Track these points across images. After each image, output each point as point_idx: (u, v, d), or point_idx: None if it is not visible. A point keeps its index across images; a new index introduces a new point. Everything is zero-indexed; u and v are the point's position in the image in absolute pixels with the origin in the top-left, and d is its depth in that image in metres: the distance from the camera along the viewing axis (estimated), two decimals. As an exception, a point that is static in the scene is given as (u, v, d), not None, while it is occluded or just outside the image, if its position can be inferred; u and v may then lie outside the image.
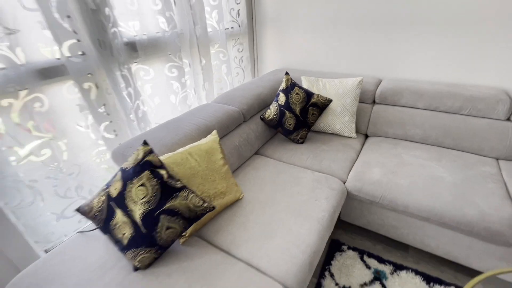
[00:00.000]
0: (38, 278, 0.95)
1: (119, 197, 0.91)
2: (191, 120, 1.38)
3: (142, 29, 1.38)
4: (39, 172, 1.14)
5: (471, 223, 1.12)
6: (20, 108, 1.01)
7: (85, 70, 1.17)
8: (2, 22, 0.92)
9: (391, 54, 1.84)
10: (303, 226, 1.11)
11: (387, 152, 1.56)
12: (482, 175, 1.32)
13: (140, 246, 0.91)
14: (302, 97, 1.65)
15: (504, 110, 1.43)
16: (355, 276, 1.35)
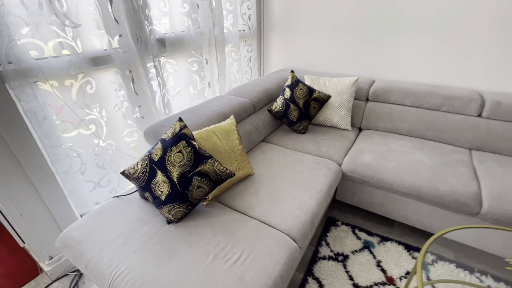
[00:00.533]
0: (88, 228, 1.15)
1: (160, 161, 1.13)
2: (210, 108, 1.61)
3: (171, 28, 1.61)
4: (85, 144, 1.35)
5: (443, 196, 1.36)
6: (77, 88, 1.23)
7: (126, 60, 1.39)
8: (69, 17, 1.14)
9: (383, 58, 2.10)
10: (305, 195, 1.33)
11: (377, 142, 1.80)
12: (456, 161, 1.57)
13: (175, 202, 1.12)
14: (305, 92, 1.89)
15: (476, 107, 1.69)
16: (347, 245, 1.58)
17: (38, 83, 1.13)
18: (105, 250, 1.05)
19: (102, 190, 1.50)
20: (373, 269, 1.43)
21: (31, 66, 1.08)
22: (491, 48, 1.71)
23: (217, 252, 1.02)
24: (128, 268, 0.98)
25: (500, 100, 1.64)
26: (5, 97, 1.06)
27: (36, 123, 1.16)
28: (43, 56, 1.12)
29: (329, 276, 1.40)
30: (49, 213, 1.33)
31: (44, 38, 1.09)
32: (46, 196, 1.29)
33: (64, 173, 1.32)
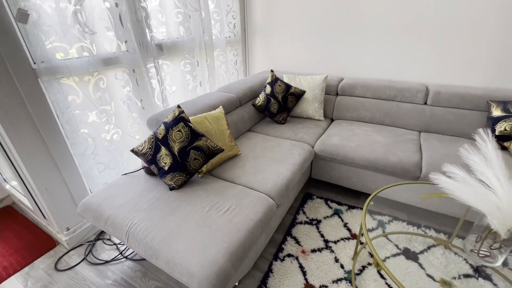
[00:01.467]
0: (104, 196, 1.41)
1: (163, 138, 1.41)
2: (202, 101, 1.91)
3: (167, 35, 1.92)
4: (98, 130, 1.62)
5: (393, 165, 1.70)
6: (93, 83, 1.50)
7: (131, 61, 1.68)
8: (88, 26, 1.43)
9: (350, 58, 2.46)
10: (282, 167, 1.64)
11: (344, 128, 2.14)
12: (406, 140, 1.91)
13: (176, 171, 1.40)
14: (283, 88, 2.22)
15: (422, 97, 2.06)
16: (320, 212, 1.88)
17: (62, 79, 1.40)
18: (120, 210, 1.31)
19: (111, 171, 1.76)
20: (341, 229, 1.74)
21: (58, 65, 1.35)
22: (434, 48, 2.09)
23: (211, 206, 1.31)
24: (140, 220, 1.24)
25: (440, 90, 2.01)
26: (38, 90, 1.33)
27: (60, 111, 1.43)
28: (68, 57, 1.39)
29: (305, 235, 1.69)
30: (67, 189, 1.58)
31: (69, 43, 1.37)
32: (66, 173, 1.54)
33: (80, 154, 1.58)
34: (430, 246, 1.57)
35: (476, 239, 1.02)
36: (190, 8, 1.97)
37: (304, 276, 1.43)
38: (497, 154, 0.94)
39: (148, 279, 1.46)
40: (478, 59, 1.98)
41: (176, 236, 1.15)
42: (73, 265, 1.55)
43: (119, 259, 1.59)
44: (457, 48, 2.02)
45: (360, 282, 1.39)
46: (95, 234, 1.77)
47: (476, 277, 1.37)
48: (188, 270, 1.03)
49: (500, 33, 1.86)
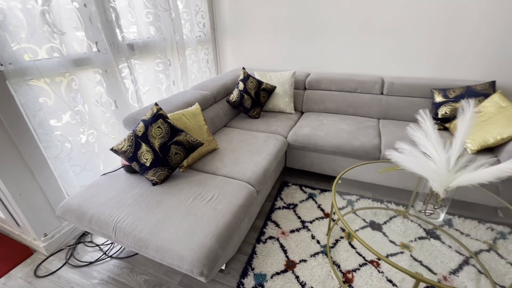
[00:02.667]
0: (85, 196, 1.42)
1: (143, 135, 1.45)
2: (177, 99, 1.95)
3: (138, 35, 1.93)
4: (72, 132, 1.60)
5: (356, 149, 1.90)
6: (66, 84, 1.49)
7: (103, 61, 1.68)
8: (57, 26, 1.41)
9: (316, 55, 2.65)
10: (259, 157, 1.75)
11: (313, 119, 2.32)
12: (367, 127, 2.14)
13: (158, 166, 1.45)
14: (255, 84, 2.34)
15: (378, 88, 2.31)
16: (296, 197, 2.04)
17: (32, 80, 1.37)
18: (104, 208, 1.34)
19: (88, 173, 1.74)
20: (315, 210, 1.91)
21: (27, 66, 1.32)
22: (388, 45, 2.35)
23: (195, 197, 1.38)
24: (126, 215, 1.28)
25: (393, 81, 2.27)
26: (6, 93, 1.29)
27: (31, 114, 1.40)
28: (37, 58, 1.37)
29: (283, 218, 1.83)
30: (43, 193, 1.54)
31: (38, 43, 1.35)
32: (40, 178, 1.50)
33: (55, 157, 1.55)
34: (392, 217, 1.79)
35: (424, 201, 1.22)
36: (160, 8, 2.00)
37: (285, 254, 1.56)
38: (434, 130, 1.15)
39: (136, 274, 1.49)
40: (425, 53, 2.27)
41: (164, 226, 1.21)
42: (55, 270, 1.52)
43: (103, 259, 1.59)
44: (407, 44, 2.29)
45: (334, 253, 1.56)
46: (74, 238, 1.74)
47: (428, 238, 1.62)
48: (178, 254, 1.10)
49: (441, 29, 2.15)
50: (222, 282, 1.43)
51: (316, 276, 1.43)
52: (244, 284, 1.40)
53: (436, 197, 1.16)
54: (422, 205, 1.23)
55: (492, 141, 1.63)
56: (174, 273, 1.48)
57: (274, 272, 1.45)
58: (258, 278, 1.42)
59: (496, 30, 2.01)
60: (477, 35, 2.06)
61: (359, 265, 1.48)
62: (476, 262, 1.46)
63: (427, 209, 1.21)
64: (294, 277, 1.42)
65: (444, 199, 1.15)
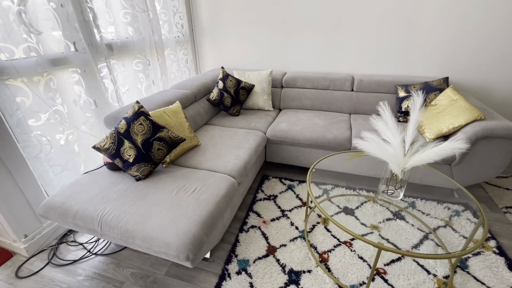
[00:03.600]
0: (68, 194, 1.43)
1: (126, 132, 1.49)
2: (158, 98, 2.00)
3: (117, 35, 1.95)
4: (52, 132, 1.60)
5: (330, 141, 2.05)
6: (44, 84, 1.49)
7: (81, 61, 1.69)
8: (34, 25, 1.42)
9: (291, 55, 2.79)
10: (239, 151, 1.85)
11: (290, 115, 2.45)
12: (339, 121, 2.30)
13: (141, 162, 1.50)
14: (234, 83, 2.43)
15: (349, 85, 2.49)
16: (276, 189, 2.15)
17: (9, 80, 1.37)
18: (88, 204, 1.36)
19: (68, 173, 1.74)
20: (294, 200, 2.03)
21: (3, 66, 1.32)
22: (356, 44, 2.54)
23: (179, 189, 1.45)
24: (111, 209, 1.32)
25: (362, 79, 2.46)
26: (-18, 92, 1.28)
27: (7, 114, 1.39)
28: (14, 57, 1.37)
29: (264, 209, 1.94)
30: (22, 194, 1.53)
31: (15, 43, 1.35)
32: (19, 178, 1.49)
33: (34, 157, 1.55)
34: (363, 202, 1.96)
35: (386, 183, 1.38)
36: (138, 9, 2.04)
37: (266, 241, 1.67)
38: (392, 119, 1.31)
39: (122, 268, 1.52)
40: (389, 52, 2.48)
41: (149, 217, 1.26)
42: (37, 270, 1.52)
43: (88, 256, 1.61)
44: (372, 43, 2.49)
45: (312, 237, 1.69)
46: (56, 238, 1.73)
47: (395, 219, 1.79)
48: (165, 241, 1.17)
49: (401, 30, 2.36)
50: (208, 269, 1.50)
51: (295, 258, 1.54)
52: (228, 270, 1.48)
53: (396, 178, 1.32)
54: (385, 187, 1.39)
55: (446, 130, 1.85)
56: (160, 265, 1.54)
57: (256, 257, 1.55)
58: (242, 264, 1.52)
59: (448, 31, 2.25)
60: (432, 35, 2.30)
61: (333, 246, 1.62)
62: (434, 237, 1.65)
63: (389, 189, 1.36)
64: (275, 261, 1.53)
65: (402, 179, 1.31)
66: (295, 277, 1.43)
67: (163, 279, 1.45)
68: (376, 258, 1.10)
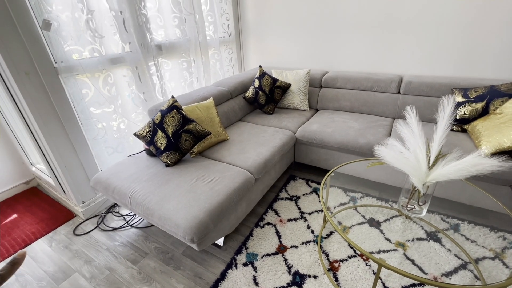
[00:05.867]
0: (112, 172, 1.71)
1: (159, 123, 1.69)
2: (196, 94, 2.18)
3: (165, 36, 2.20)
4: (107, 119, 1.92)
5: (362, 147, 1.91)
6: (103, 79, 1.80)
7: (134, 60, 1.97)
8: (98, 31, 1.73)
9: (334, 54, 2.67)
10: (263, 149, 1.89)
11: (325, 117, 2.37)
12: (378, 126, 2.12)
13: (171, 150, 1.68)
14: (270, 82, 2.47)
15: (395, 86, 2.26)
16: (301, 190, 2.12)
17: (77, 75, 1.70)
18: (124, 181, 1.60)
19: (118, 154, 2.06)
20: (316, 203, 1.97)
21: (74, 64, 1.65)
22: (409, 42, 2.28)
23: (198, 178, 1.58)
24: (140, 188, 1.53)
25: (412, 80, 2.20)
26: (59, 85, 1.63)
27: (76, 102, 1.73)
28: (82, 57, 1.69)
29: (284, 208, 1.94)
30: (82, 168, 1.88)
31: (83, 45, 1.67)
32: (81, 155, 1.85)
33: (93, 139, 1.89)
34: (393, 216, 1.78)
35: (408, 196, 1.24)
36: (185, 12, 2.25)
37: (279, 239, 1.68)
38: (419, 126, 1.16)
39: (148, 242, 1.75)
40: (448, 50, 2.16)
41: (168, 199, 1.42)
42: (88, 231, 1.86)
43: (125, 227, 1.88)
44: (429, 40, 2.20)
45: (326, 244, 1.62)
46: (106, 208, 2.08)
47: (428, 240, 1.58)
48: (175, 222, 1.30)
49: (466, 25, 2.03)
50: (218, 256, 1.60)
51: (303, 261, 1.52)
52: (236, 260, 1.55)
53: (418, 193, 1.17)
54: (405, 200, 1.25)
55: (509, 144, 1.53)
56: (179, 245, 1.70)
57: (265, 253, 1.58)
58: (250, 257, 1.57)
59: (531, 25, 1.83)
60: (505, 30, 1.90)
61: (348, 256, 1.53)
62: (474, 268, 1.40)
63: (409, 204, 1.22)
64: (283, 260, 1.53)
65: (425, 195, 1.15)
66: (299, 280, 1.41)
67: (179, 257, 1.61)
68: (377, 274, 1.02)
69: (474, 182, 1.67)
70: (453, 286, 0.91)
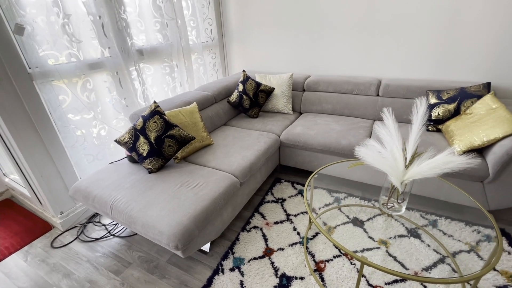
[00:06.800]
0: (92, 180, 1.65)
1: (142, 129, 1.66)
2: (179, 98, 2.16)
3: (147, 41, 2.17)
4: (86, 125, 1.86)
5: (344, 148, 1.96)
6: (81, 84, 1.75)
7: (114, 65, 1.93)
8: (75, 35, 1.68)
9: (317, 58, 2.74)
10: (248, 152, 1.89)
11: (308, 120, 2.41)
12: (359, 127, 2.19)
13: (153, 156, 1.65)
14: (254, 86, 2.49)
15: (374, 89, 2.34)
16: (286, 193, 2.14)
17: (54, 81, 1.65)
18: (105, 189, 1.56)
19: (99, 162, 2.00)
20: (302, 205, 2.00)
21: (50, 69, 1.59)
22: (387, 46, 2.38)
23: (182, 183, 1.56)
24: (122, 196, 1.49)
25: (389, 83, 2.29)
26: (33, 91, 1.57)
27: (52, 109, 1.67)
28: (58, 62, 1.64)
29: (270, 211, 1.95)
30: (60, 177, 1.81)
31: (59, 50, 1.62)
32: (59, 163, 1.77)
33: (71, 147, 1.82)
34: (376, 215, 1.83)
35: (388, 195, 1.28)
36: (167, 17, 2.24)
37: (265, 242, 1.68)
38: (396, 127, 1.21)
39: (132, 251, 1.69)
40: (423, 54, 2.27)
41: (151, 206, 1.39)
42: (67, 243, 1.78)
43: (107, 237, 1.82)
44: (405, 45, 2.30)
45: (312, 245, 1.64)
46: (86, 218, 2.00)
47: (408, 237, 1.64)
48: (159, 230, 1.28)
49: (440, 30, 2.14)
50: (205, 262, 1.58)
51: (290, 263, 1.53)
52: (223, 265, 1.54)
53: (397, 191, 1.21)
54: (385, 199, 1.29)
55: (479, 143, 1.62)
56: (164, 252, 1.67)
57: (252, 257, 1.58)
58: (237, 261, 1.56)
59: (494, 31, 1.97)
60: (476, 35, 2.03)
61: (333, 256, 1.56)
62: (452, 261, 1.46)
63: (388, 203, 1.26)
64: (270, 263, 1.54)
65: (404, 193, 1.20)
66: (285, 282, 1.42)
67: (164, 265, 1.58)
68: (360, 272, 1.04)
69: (449, 179, 1.75)
70: (432, 279, 0.95)
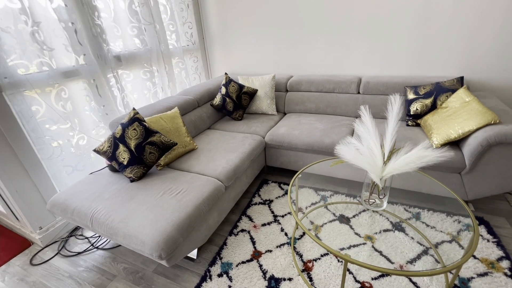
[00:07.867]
0: (71, 192, 1.59)
1: (121, 137, 1.61)
2: (160, 104, 2.12)
3: (124, 47, 2.13)
4: (63, 136, 1.80)
5: (327, 146, 1.98)
6: (55, 94, 1.69)
7: (90, 72, 1.88)
8: (46, 43, 1.62)
9: (299, 59, 2.76)
10: (232, 155, 1.88)
11: (292, 120, 2.42)
12: (342, 125, 2.21)
13: (134, 165, 1.61)
14: (237, 88, 2.48)
15: (355, 87, 2.38)
16: (273, 194, 2.14)
17: (25, 91, 1.58)
18: (85, 201, 1.50)
19: (79, 173, 1.93)
20: (288, 205, 2.00)
21: (20, 79, 1.53)
22: (366, 44, 2.42)
23: (165, 191, 1.52)
24: (102, 207, 1.44)
25: (369, 80, 2.33)
26: (2, 103, 1.50)
27: (25, 121, 1.60)
28: (29, 72, 1.58)
29: (258, 213, 1.94)
30: (37, 190, 1.74)
31: (29, 59, 1.56)
32: (35, 177, 1.70)
33: (48, 159, 1.75)
34: (361, 211, 1.86)
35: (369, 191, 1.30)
36: (144, 22, 2.20)
37: (253, 245, 1.67)
38: (373, 124, 1.23)
39: (117, 263, 1.64)
40: (400, 51, 2.33)
41: (133, 216, 1.35)
42: (47, 259, 1.71)
43: (90, 249, 1.76)
44: (383, 43, 2.36)
45: (300, 245, 1.65)
46: (67, 232, 1.93)
47: (393, 231, 1.67)
48: (141, 240, 1.24)
49: (414, 27, 2.20)
50: (192, 270, 1.55)
51: (278, 265, 1.52)
52: (211, 271, 1.51)
53: (377, 187, 1.23)
54: (367, 195, 1.31)
55: (455, 136, 1.68)
56: (150, 262, 1.63)
57: (240, 261, 1.56)
58: (225, 267, 1.54)
59: (465, 27, 2.04)
60: (449, 30, 2.10)
61: (320, 255, 1.56)
62: (434, 252, 1.50)
63: (371, 199, 1.28)
64: (258, 266, 1.53)
65: (384, 188, 1.22)
66: (274, 284, 1.41)
67: (150, 276, 1.54)
68: (344, 269, 1.05)
69: (428, 172, 1.80)
70: (414, 273, 0.97)
